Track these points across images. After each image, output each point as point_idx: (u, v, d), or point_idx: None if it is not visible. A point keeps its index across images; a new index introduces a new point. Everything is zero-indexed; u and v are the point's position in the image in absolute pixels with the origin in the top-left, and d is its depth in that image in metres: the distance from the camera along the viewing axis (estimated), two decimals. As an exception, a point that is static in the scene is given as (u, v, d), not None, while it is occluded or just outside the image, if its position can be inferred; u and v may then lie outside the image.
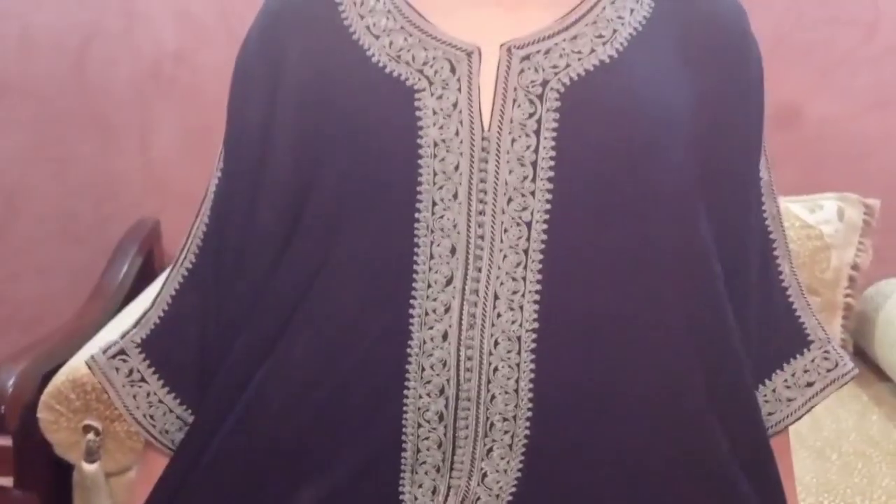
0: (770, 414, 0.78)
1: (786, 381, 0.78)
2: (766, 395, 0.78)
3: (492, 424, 0.70)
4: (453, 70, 0.70)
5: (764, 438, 0.75)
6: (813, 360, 0.78)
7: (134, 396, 0.78)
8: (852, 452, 1.48)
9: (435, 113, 0.69)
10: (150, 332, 0.79)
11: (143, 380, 0.78)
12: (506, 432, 0.70)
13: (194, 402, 0.79)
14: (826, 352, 0.79)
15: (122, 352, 0.79)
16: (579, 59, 0.70)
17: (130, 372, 0.78)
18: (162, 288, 0.80)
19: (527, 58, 0.70)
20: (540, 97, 0.69)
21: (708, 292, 0.72)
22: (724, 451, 0.73)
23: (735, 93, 0.73)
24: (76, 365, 1.39)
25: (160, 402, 0.78)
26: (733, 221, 0.74)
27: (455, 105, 0.70)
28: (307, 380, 0.72)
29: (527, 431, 0.70)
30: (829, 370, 0.78)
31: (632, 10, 0.72)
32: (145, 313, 0.80)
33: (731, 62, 0.73)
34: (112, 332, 1.51)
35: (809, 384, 0.78)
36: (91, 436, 1.38)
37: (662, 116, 0.70)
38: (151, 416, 0.78)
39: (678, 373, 0.71)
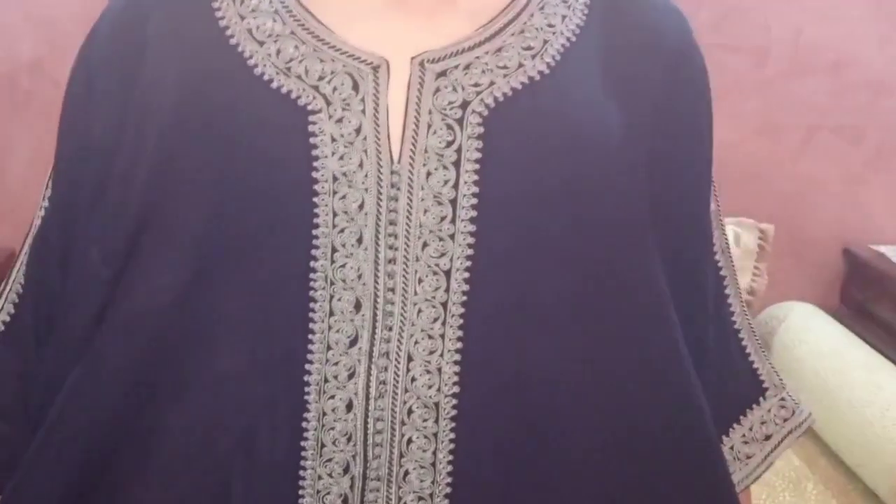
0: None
1: (744, 436, 0.71)
2: (724, 454, 0.70)
3: None
4: (356, 87, 0.59)
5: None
6: (769, 410, 0.72)
7: None
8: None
9: (334, 140, 0.59)
10: None
11: None
12: None
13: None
14: (782, 399, 0.72)
15: None
16: (505, 76, 0.60)
17: None
18: None
19: (443, 74, 0.60)
20: (459, 122, 0.59)
21: (664, 343, 0.64)
22: None
23: (677, 116, 0.65)
24: None
25: None
26: (688, 262, 0.67)
27: (358, 130, 0.59)
28: (177, 462, 0.60)
29: None
30: (785, 419, 0.72)
31: (563, 18, 0.63)
32: None
33: (671, 82, 0.65)
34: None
35: (767, 437, 0.72)
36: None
37: (600, 143, 0.61)
38: None
39: (629, 440, 0.63)
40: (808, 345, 1.66)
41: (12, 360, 0.65)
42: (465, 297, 0.60)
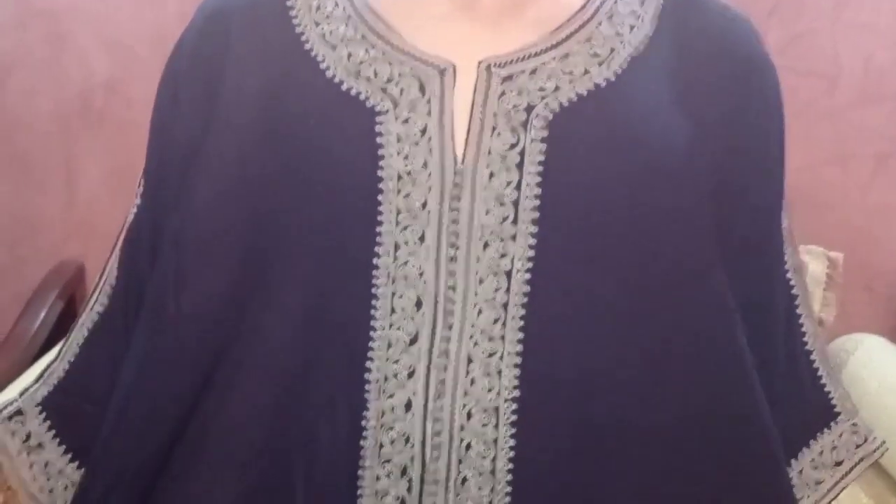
0: (797, 500, 0.68)
1: (813, 460, 0.69)
2: (792, 479, 0.68)
3: None
4: (422, 90, 0.60)
5: None
6: (841, 435, 0.69)
7: (30, 466, 0.66)
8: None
9: (400, 140, 0.59)
10: (54, 388, 0.67)
11: (40, 446, 0.66)
12: None
13: None
14: (854, 424, 0.70)
15: (19, 412, 0.66)
16: (570, 82, 0.60)
17: (28, 437, 0.66)
18: (69, 337, 0.68)
19: (509, 78, 0.60)
20: (524, 125, 0.59)
21: (731, 359, 0.62)
22: None
23: (747, 126, 0.64)
24: (-22, 425, 1.24)
25: (59, 472, 0.66)
26: (757, 279, 0.65)
27: (424, 131, 0.60)
28: (236, 455, 0.61)
29: None
30: (857, 446, 0.69)
31: (632, 28, 0.62)
32: (49, 366, 0.68)
33: (740, 90, 0.64)
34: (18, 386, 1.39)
35: (838, 463, 0.69)
36: (-9, 507, 1.23)
37: (664, 152, 0.60)
38: (50, 491, 0.66)
39: (691, 452, 0.61)
40: (879, 379, 1.59)
41: (105, 348, 0.67)
42: (525, 299, 0.59)
